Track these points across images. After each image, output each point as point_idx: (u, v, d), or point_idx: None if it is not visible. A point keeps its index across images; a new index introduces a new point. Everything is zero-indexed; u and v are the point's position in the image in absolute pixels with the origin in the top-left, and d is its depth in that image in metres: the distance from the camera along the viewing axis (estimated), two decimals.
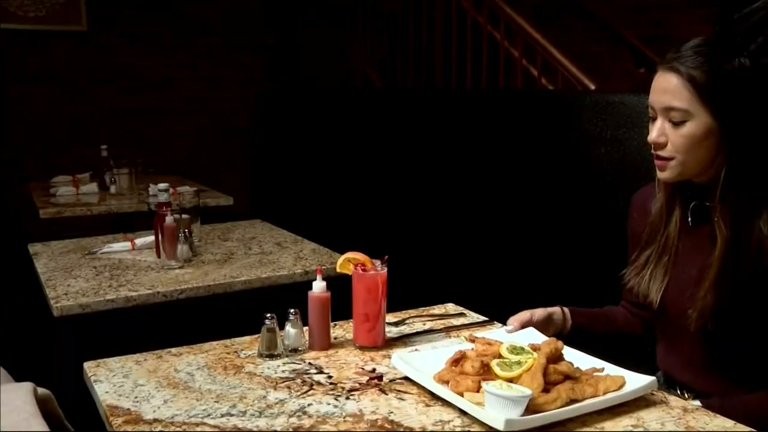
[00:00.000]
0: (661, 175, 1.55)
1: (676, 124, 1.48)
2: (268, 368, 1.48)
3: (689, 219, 1.58)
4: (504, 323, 1.74)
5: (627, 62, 4.92)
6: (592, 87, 3.58)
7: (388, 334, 1.65)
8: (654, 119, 1.53)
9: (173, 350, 1.57)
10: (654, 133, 1.52)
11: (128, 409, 1.29)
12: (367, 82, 5.47)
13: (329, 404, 1.31)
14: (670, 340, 1.63)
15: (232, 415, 1.27)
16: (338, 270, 1.62)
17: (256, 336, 1.58)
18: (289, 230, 2.90)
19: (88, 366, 1.48)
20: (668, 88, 1.48)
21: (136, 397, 1.34)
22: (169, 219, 2.32)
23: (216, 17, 5.56)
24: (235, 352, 1.58)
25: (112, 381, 1.41)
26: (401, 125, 3.52)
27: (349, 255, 1.61)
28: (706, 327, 1.50)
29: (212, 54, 5.59)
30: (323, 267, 2.22)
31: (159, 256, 2.38)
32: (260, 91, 5.31)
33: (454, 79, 4.65)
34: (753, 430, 1.22)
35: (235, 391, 1.37)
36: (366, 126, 3.82)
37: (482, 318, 1.80)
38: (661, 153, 1.52)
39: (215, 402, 1.32)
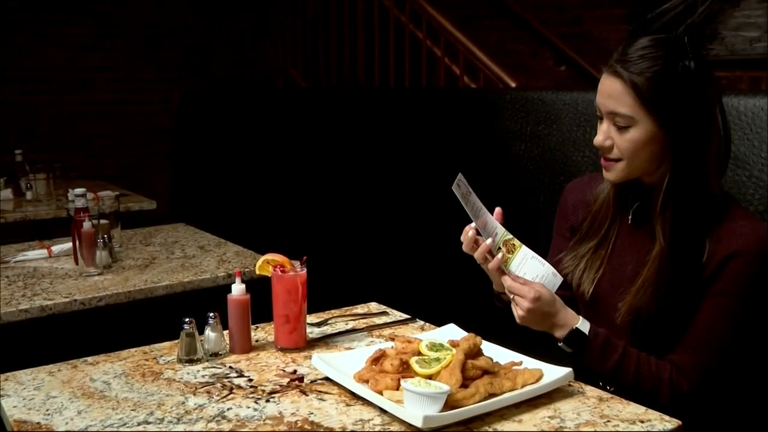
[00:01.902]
0: (607, 175, 1.55)
1: (621, 129, 1.48)
2: (188, 374, 1.46)
3: (630, 218, 1.60)
4: (427, 321, 1.76)
5: (547, 60, 5.02)
6: (513, 85, 3.64)
7: (310, 335, 1.65)
8: (601, 118, 1.53)
9: (89, 359, 1.53)
10: (600, 136, 1.51)
11: (38, 422, 1.25)
12: (290, 82, 5.44)
13: (249, 407, 1.30)
14: None
15: (149, 423, 1.24)
16: (257, 272, 1.61)
17: (176, 341, 1.55)
18: (215, 233, 2.86)
19: None
20: (612, 93, 1.47)
21: (47, 410, 1.29)
22: (86, 225, 2.26)
23: (135, 16, 5.44)
24: (154, 358, 1.55)
25: (21, 395, 1.36)
26: (324, 124, 3.51)
27: (268, 257, 1.60)
28: (632, 322, 1.52)
29: (132, 54, 5.47)
30: (246, 269, 2.20)
31: (77, 263, 2.31)
32: (183, 92, 5.22)
33: (377, 77, 4.66)
34: (665, 415, 1.26)
35: (153, 399, 1.34)
36: (289, 126, 3.79)
37: (405, 316, 1.81)
38: (609, 155, 1.51)
39: (132, 410, 1.29)
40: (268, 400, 1.33)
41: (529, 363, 1.39)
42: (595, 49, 4.68)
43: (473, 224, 1.54)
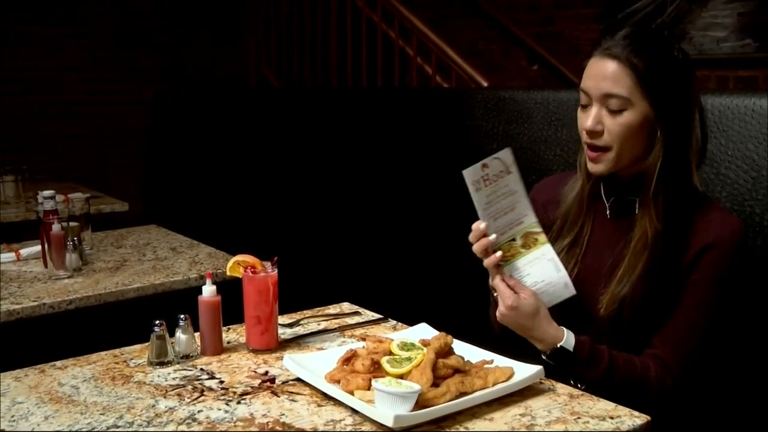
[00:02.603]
0: (595, 168, 1.52)
1: (614, 112, 1.47)
2: (159, 376, 1.45)
3: (608, 212, 1.59)
4: (399, 320, 1.76)
5: (520, 60, 5.05)
6: (485, 84, 3.65)
7: (282, 336, 1.64)
8: (586, 106, 1.51)
9: (57, 363, 1.51)
10: (590, 120, 1.48)
11: (2, 429, 1.23)
12: (264, 82, 5.42)
13: (220, 410, 1.29)
14: (575, 328, 1.63)
15: (118, 427, 1.23)
16: (228, 273, 1.61)
17: (147, 344, 1.54)
18: (189, 234, 2.84)
19: None
20: (608, 74, 1.46)
21: (12, 416, 1.27)
22: (56, 227, 2.24)
23: (105, 15, 5.37)
24: (125, 361, 1.53)
25: None
26: (298, 125, 3.50)
27: (239, 258, 1.59)
28: (614, 314, 1.52)
29: (102, 54, 5.40)
30: (218, 271, 2.19)
31: (46, 266, 2.28)
32: (156, 92, 5.18)
33: (350, 77, 4.66)
34: (634, 411, 1.27)
35: (122, 402, 1.33)
36: (263, 126, 3.78)
37: (377, 316, 1.80)
38: (597, 142, 1.49)
39: (101, 414, 1.28)
40: (239, 402, 1.32)
41: (500, 361, 1.39)
42: (567, 49, 4.71)
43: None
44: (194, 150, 4.45)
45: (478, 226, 1.51)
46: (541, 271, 1.51)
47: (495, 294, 1.53)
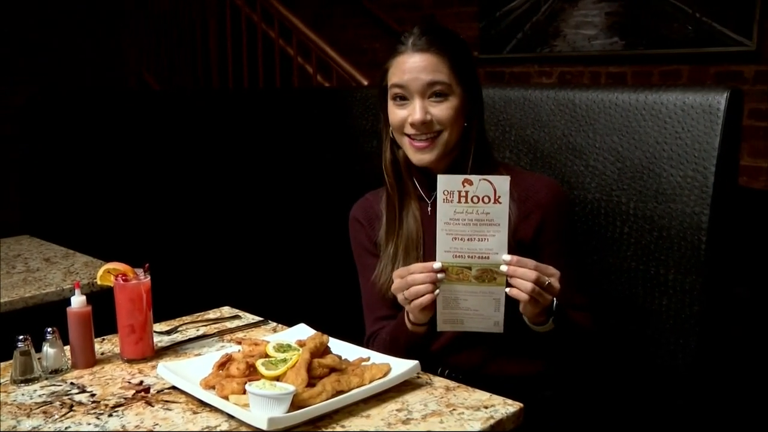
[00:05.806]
0: (424, 156, 1.56)
1: (440, 100, 1.54)
2: (23, 394, 1.38)
3: (429, 209, 1.62)
4: (281, 322, 1.74)
5: None
6: (365, 83, 3.67)
7: (159, 344, 1.60)
8: (403, 102, 1.56)
9: None
10: (419, 113, 1.53)
11: None
12: (143, 84, 5.27)
13: (90, 424, 1.25)
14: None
15: None
16: (99, 282, 1.55)
17: (10, 362, 1.46)
18: (66, 244, 2.72)
19: None
20: (428, 65, 1.54)
21: None
22: None
23: None
24: None
25: None
26: (177, 128, 3.42)
27: (110, 266, 1.54)
28: None
29: None
30: (93, 280, 2.11)
31: None
32: (29, 95, 4.94)
33: (231, 79, 4.60)
34: (507, 399, 1.30)
35: None
36: (141, 130, 3.67)
37: (257, 318, 1.79)
38: (428, 131, 1.54)
39: None
40: (111, 415, 1.28)
41: (377, 358, 1.40)
42: None
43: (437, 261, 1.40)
44: (70, 155, 4.28)
45: (432, 266, 1.40)
46: (480, 303, 1.40)
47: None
